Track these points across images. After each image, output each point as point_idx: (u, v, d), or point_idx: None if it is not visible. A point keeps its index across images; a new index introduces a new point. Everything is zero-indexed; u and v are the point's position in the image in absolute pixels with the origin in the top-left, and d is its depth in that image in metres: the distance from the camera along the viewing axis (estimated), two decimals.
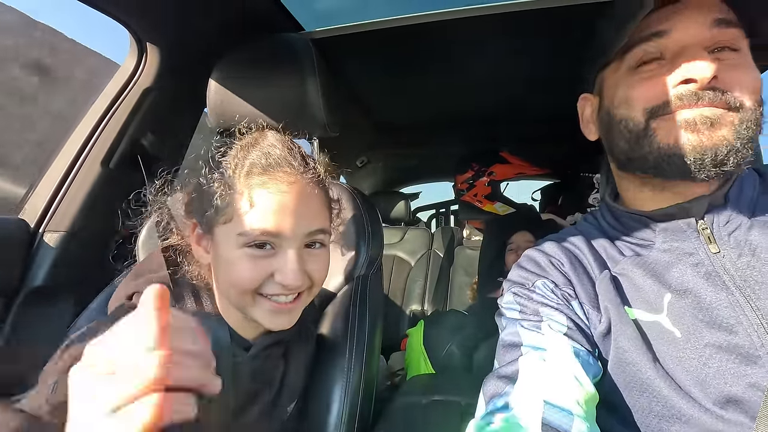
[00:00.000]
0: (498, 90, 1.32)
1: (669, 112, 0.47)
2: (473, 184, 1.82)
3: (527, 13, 0.83)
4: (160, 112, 0.95)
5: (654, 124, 0.48)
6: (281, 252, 0.53)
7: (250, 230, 0.51)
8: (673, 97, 0.47)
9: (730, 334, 0.43)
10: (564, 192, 2.02)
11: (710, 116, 0.45)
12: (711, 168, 0.45)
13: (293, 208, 0.53)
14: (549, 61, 1.08)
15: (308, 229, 0.55)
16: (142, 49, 0.90)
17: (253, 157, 0.54)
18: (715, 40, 0.47)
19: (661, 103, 0.47)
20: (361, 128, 1.62)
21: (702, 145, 0.45)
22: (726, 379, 0.42)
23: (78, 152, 0.87)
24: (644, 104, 0.49)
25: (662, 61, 0.49)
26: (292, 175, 0.54)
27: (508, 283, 0.59)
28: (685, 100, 0.46)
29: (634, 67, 0.51)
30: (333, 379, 0.67)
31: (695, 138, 0.45)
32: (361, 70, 1.17)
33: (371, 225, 0.81)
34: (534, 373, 0.45)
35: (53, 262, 0.83)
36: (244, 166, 0.53)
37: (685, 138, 0.46)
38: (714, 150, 0.45)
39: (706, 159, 0.45)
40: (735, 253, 0.46)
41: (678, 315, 0.46)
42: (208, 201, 0.53)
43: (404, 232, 2.27)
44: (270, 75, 0.82)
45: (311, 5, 1.04)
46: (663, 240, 0.51)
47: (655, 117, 0.48)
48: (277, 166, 0.54)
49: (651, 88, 0.48)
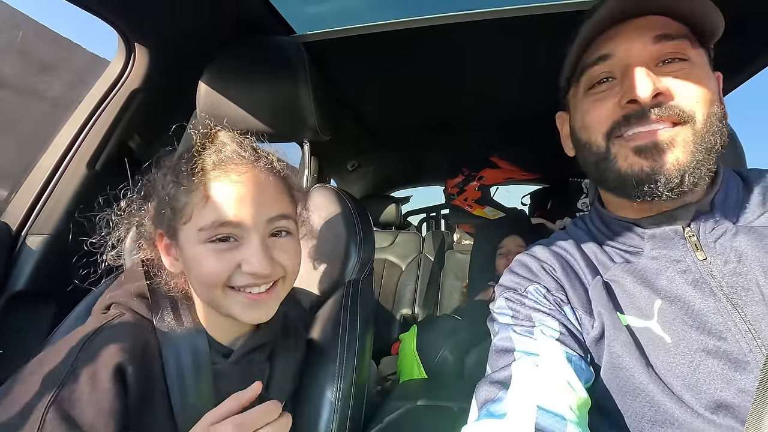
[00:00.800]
0: (488, 95, 1.33)
1: (622, 133, 0.49)
2: (463, 189, 1.83)
3: (517, 19, 0.84)
4: (148, 113, 0.94)
5: (613, 149, 0.50)
6: (245, 242, 0.53)
7: (209, 223, 0.51)
8: (622, 118, 0.48)
9: (719, 341, 0.43)
10: (553, 196, 2.04)
11: (660, 141, 0.46)
12: (665, 192, 0.47)
13: (249, 196, 0.53)
14: (539, 66, 1.09)
15: (268, 215, 0.54)
16: (131, 49, 0.88)
17: (205, 156, 0.55)
18: (660, 54, 0.49)
19: (614, 124, 0.49)
20: (352, 132, 1.62)
21: (653, 171, 0.47)
22: (716, 384, 0.42)
23: (63, 153, 0.86)
24: (600, 128, 0.51)
25: (613, 81, 0.51)
26: (244, 165, 0.55)
27: (500, 288, 0.59)
28: (633, 119, 0.48)
29: (587, 90, 0.53)
30: (323, 383, 0.66)
31: (647, 164, 0.47)
32: (352, 74, 1.17)
33: (362, 229, 0.80)
34: (527, 379, 0.45)
35: (35, 266, 0.81)
36: (196, 166, 0.54)
37: (638, 164, 0.48)
38: (665, 175, 0.46)
39: (659, 184, 0.47)
40: (721, 260, 0.47)
41: (668, 321, 0.47)
42: (167, 206, 0.54)
43: (395, 236, 2.27)
44: (261, 78, 0.82)
45: (303, 9, 1.04)
46: (651, 247, 0.52)
47: (612, 139, 0.50)
48: (228, 160, 0.55)
49: (602, 110, 0.50)
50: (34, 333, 0.79)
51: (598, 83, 0.52)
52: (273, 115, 0.82)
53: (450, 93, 1.31)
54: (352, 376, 0.68)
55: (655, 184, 0.47)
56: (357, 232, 0.79)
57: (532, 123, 1.55)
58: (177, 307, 0.58)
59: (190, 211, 0.52)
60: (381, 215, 2.35)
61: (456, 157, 1.89)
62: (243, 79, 0.83)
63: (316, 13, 1.06)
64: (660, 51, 0.49)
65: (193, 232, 0.52)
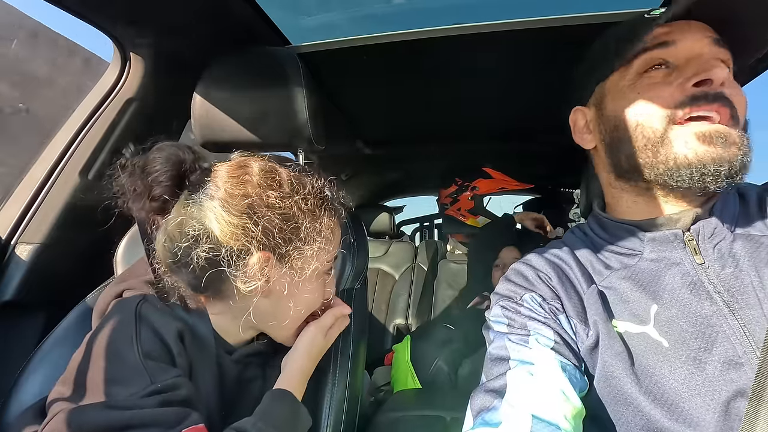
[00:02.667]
0: (481, 106, 1.34)
1: (683, 116, 0.48)
2: (457, 198, 1.84)
3: (511, 33, 0.85)
4: (142, 122, 0.94)
5: (671, 133, 0.49)
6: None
7: (330, 259, 0.61)
8: (687, 98, 0.48)
9: (715, 343, 0.44)
10: (545, 207, 2.06)
11: (723, 132, 0.47)
12: (725, 179, 0.47)
13: (336, 238, 0.63)
14: (533, 78, 1.11)
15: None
16: (126, 58, 0.89)
17: (323, 196, 0.61)
18: (716, 56, 0.49)
19: (676, 105, 0.49)
20: (346, 142, 1.63)
21: (721, 158, 0.46)
22: (714, 386, 0.43)
23: (55, 162, 0.85)
24: (659, 110, 0.50)
25: (668, 69, 0.51)
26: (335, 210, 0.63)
27: (496, 296, 0.59)
28: (701, 100, 0.47)
29: (641, 73, 0.53)
30: (316, 394, 0.66)
31: (713, 150, 0.47)
32: (346, 85, 1.18)
33: (356, 238, 0.81)
34: (522, 388, 0.45)
35: (25, 275, 0.80)
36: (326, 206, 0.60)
37: (703, 150, 0.47)
38: (730, 163, 0.46)
39: (723, 171, 0.46)
40: (719, 264, 0.48)
41: (665, 325, 0.47)
42: (290, 231, 0.55)
43: (388, 245, 2.26)
44: (256, 88, 0.82)
45: (298, 20, 1.05)
46: (650, 249, 0.53)
47: (672, 123, 0.49)
48: (333, 200, 0.61)
49: (663, 91, 0.50)
50: (22, 343, 0.77)
51: (653, 68, 0.52)
52: (268, 124, 0.82)
53: (443, 104, 1.33)
54: (346, 385, 0.68)
55: (719, 171, 0.46)
56: (351, 242, 0.79)
57: (525, 134, 1.57)
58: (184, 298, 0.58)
59: (323, 244, 0.57)
60: (375, 225, 2.36)
61: (449, 167, 1.90)
62: (238, 89, 0.83)
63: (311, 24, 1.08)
64: (717, 53, 0.49)
65: (319, 261, 0.57)
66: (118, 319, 0.52)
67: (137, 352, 0.47)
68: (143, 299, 0.54)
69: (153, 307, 0.54)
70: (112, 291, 0.60)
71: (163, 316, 0.53)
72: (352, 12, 1.10)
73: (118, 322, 0.51)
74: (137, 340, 0.48)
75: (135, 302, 0.53)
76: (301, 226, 0.54)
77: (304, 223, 0.55)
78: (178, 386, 0.47)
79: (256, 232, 0.51)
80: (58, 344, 0.66)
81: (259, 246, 0.51)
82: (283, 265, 0.54)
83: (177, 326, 0.53)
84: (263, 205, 0.52)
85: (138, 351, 0.47)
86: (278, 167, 0.57)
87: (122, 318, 0.52)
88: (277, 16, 0.93)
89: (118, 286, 0.60)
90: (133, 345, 0.48)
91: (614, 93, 0.56)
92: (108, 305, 0.58)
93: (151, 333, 0.50)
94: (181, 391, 0.47)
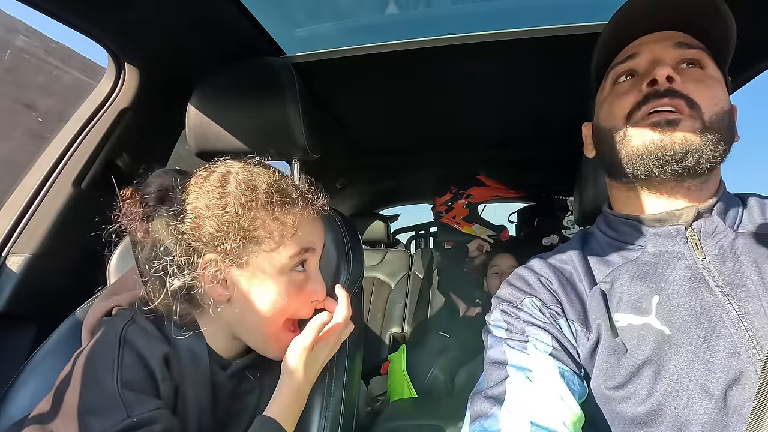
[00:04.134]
0: (476, 115, 1.36)
1: (639, 113, 0.53)
2: (451, 207, 1.85)
3: (504, 43, 0.87)
4: (137, 132, 0.94)
5: (630, 129, 0.54)
6: (312, 274, 0.61)
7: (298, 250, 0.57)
8: (642, 98, 0.53)
9: (714, 332, 0.45)
10: (539, 214, 2.07)
11: (671, 119, 0.50)
12: (672, 164, 0.50)
13: (318, 227, 0.63)
14: (525, 87, 1.13)
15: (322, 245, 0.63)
16: (120, 69, 0.89)
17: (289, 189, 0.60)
18: (679, 57, 0.54)
19: (634, 106, 0.54)
20: (341, 151, 1.63)
21: (663, 144, 0.50)
22: (713, 374, 0.44)
23: (48, 172, 0.85)
24: (621, 112, 0.55)
25: (636, 78, 0.56)
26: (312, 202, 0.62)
27: (496, 300, 0.60)
28: (651, 98, 0.52)
29: (612, 85, 0.59)
30: (312, 404, 0.65)
31: (658, 137, 0.51)
32: (341, 94, 1.19)
33: (352, 247, 0.80)
34: (520, 394, 0.45)
35: (16, 286, 0.79)
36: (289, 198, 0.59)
37: (650, 137, 0.51)
38: (672, 149, 0.50)
39: (667, 156, 0.50)
40: (720, 259, 0.50)
41: (666, 314, 0.48)
42: (238, 232, 0.54)
43: (384, 254, 2.26)
44: (251, 98, 0.83)
45: (293, 30, 1.06)
46: (653, 244, 0.54)
47: (630, 121, 0.54)
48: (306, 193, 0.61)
49: (626, 97, 0.55)
50: (13, 354, 0.76)
51: (623, 79, 0.58)
52: (263, 134, 0.82)
53: (438, 113, 1.34)
54: (342, 395, 0.67)
55: (662, 156, 0.50)
56: (346, 250, 0.79)
57: (519, 142, 1.59)
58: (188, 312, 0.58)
59: (279, 240, 0.55)
60: (370, 233, 2.35)
61: (443, 175, 1.91)
62: (232, 99, 0.84)
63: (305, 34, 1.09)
64: (680, 55, 0.54)
65: (277, 261, 0.55)
66: (102, 343, 0.51)
67: (116, 381, 0.47)
68: (131, 321, 0.53)
69: (139, 330, 0.53)
70: (101, 306, 0.59)
71: (150, 339, 0.52)
72: (346, 23, 1.12)
73: (102, 345, 0.51)
74: (118, 368, 0.48)
75: (121, 324, 0.53)
76: (248, 225, 0.53)
77: (254, 221, 0.54)
78: (155, 420, 0.46)
79: (198, 235, 0.53)
80: (49, 356, 0.65)
81: (204, 249, 0.53)
82: (233, 266, 0.54)
83: (163, 350, 0.52)
84: (205, 208, 0.54)
85: (117, 380, 0.47)
86: (233, 170, 0.58)
87: (106, 341, 0.51)
88: (271, 26, 0.94)
89: (107, 301, 0.59)
90: (113, 373, 0.47)
91: (598, 105, 0.62)
92: (97, 322, 0.57)
93: (135, 359, 0.50)
94: (157, 426, 0.46)
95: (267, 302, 0.55)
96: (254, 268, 0.55)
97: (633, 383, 0.47)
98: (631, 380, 0.47)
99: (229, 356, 0.60)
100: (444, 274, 1.86)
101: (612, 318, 0.51)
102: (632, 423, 0.47)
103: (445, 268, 1.88)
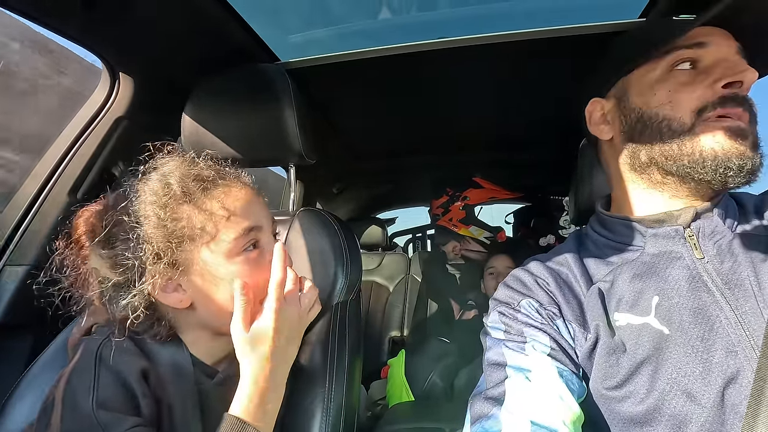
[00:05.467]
0: (471, 118, 1.36)
1: (713, 112, 0.50)
2: (448, 209, 1.85)
3: (499, 45, 0.87)
4: (132, 141, 0.93)
5: (699, 127, 0.51)
6: (266, 247, 0.58)
7: (241, 231, 0.54)
8: (718, 99, 0.50)
9: (712, 331, 0.46)
10: (535, 215, 2.08)
11: (747, 131, 0.49)
12: (746, 176, 0.49)
13: (257, 201, 0.59)
14: (521, 89, 1.14)
15: (271, 217, 0.61)
16: (115, 77, 0.89)
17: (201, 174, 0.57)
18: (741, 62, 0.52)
19: (707, 103, 0.50)
20: (337, 155, 1.64)
21: (745, 154, 0.49)
22: (711, 372, 0.44)
23: (44, 181, 0.84)
24: (690, 104, 0.51)
25: (695, 69, 0.53)
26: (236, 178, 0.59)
27: (494, 302, 0.60)
28: (730, 101, 0.50)
29: (669, 68, 0.54)
30: (312, 409, 0.65)
31: (739, 146, 0.49)
32: (336, 99, 1.19)
33: (349, 251, 0.81)
34: (520, 394, 0.46)
35: (12, 298, 0.79)
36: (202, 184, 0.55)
37: (729, 144, 0.49)
38: (752, 160, 0.49)
39: (746, 167, 0.49)
40: (718, 259, 0.50)
41: (665, 314, 0.48)
42: (168, 236, 0.52)
43: (382, 257, 2.26)
44: (246, 104, 0.83)
45: (286, 36, 1.06)
46: (652, 245, 0.54)
47: (700, 119, 0.51)
48: (224, 174, 0.58)
49: (693, 88, 0.52)
50: (11, 367, 0.75)
51: (685, 66, 0.54)
52: (259, 140, 0.83)
53: (433, 116, 1.35)
54: (342, 399, 0.67)
55: (742, 166, 0.48)
56: (344, 254, 0.79)
57: (515, 144, 1.60)
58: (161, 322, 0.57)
59: (213, 229, 0.52)
60: (367, 237, 2.35)
61: (440, 178, 1.92)
62: (228, 106, 0.84)
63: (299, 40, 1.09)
64: (742, 61, 0.52)
65: (222, 248, 0.52)
66: (80, 363, 0.51)
67: (92, 402, 0.47)
68: (107, 339, 0.53)
69: (116, 348, 0.52)
70: (84, 324, 0.58)
71: (126, 356, 0.52)
72: (340, 28, 1.12)
73: (80, 366, 0.51)
74: (94, 388, 0.48)
75: (97, 344, 0.52)
76: (172, 226, 0.51)
77: (178, 220, 0.51)
78: None
79: (127, 256, 0.51)
80: (46, 368, 0.64)
81: (138, 264, 0.51)
82: (178, 270, 0.52)
83: (141, 365, 0.52)
84: (129, 224, 0.51)
85: (93, 401, 0.47)
86: (149, 176, 0.55)
87: (83, 361, 0.51)
88: (265, 33, 0.94)
89: (90, 318, 0.59)
90: (90, 393, 0.47)
91: (640, 86, 0.57)
92: (78, 340, 0.57)
93: (112, 377, 0.49)
94: None
95: (227, 293, 0.53)
96: (201, 265, 0.53)
97: (631, 382, 0.47)
98: (629, 379, 0.47)
99: (214, 362, 0.59)
100: (430, 280, 1.87)
101: (610, 318, 0.51)
102: (631, 422, 0.47)
103: (430, 274, 1.88)
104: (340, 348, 0.71)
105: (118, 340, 0.53)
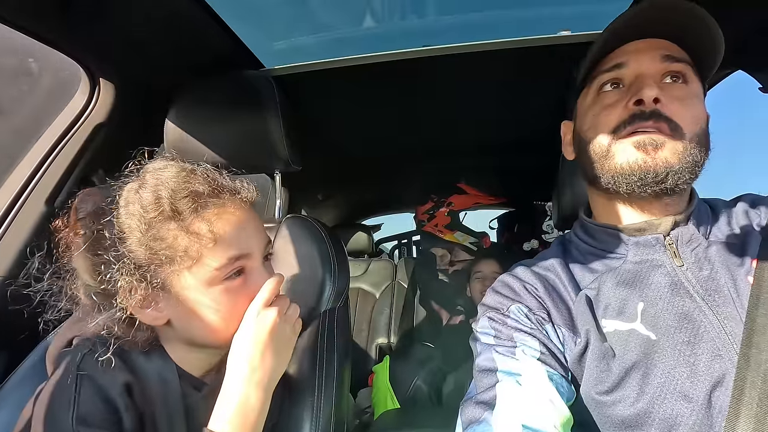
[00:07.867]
0: (456, 125, 1.38)
1: (624, 131, 0.53)
2: (433, 215, 1.86)
3: (485, 54, 0.89)
4: (113, 148, 0.91)
5: (614, 146, 0.54)
6: (253, 274, 0.55)
7: (225, 261, 0.51)
8: (628, 117, 0.53)
9: (697, 336, 0.47)
10: (519, 220, 2.11)
11: (656, 139, 0.51)
12: (653, 185, 0.51)
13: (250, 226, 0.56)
14: (506, 97, 1.16)
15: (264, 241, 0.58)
16: (95, 83, 0.87)
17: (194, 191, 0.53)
18: (666, 70, 0.55)
19: (620, 123, 0.54)
20: (322, 162, 1.63)
21: (646, 165, 0.51)
22: (698, 376, 0.45)
23: (20, 190, 0.81)
24: (607, 126, 0.55)
25: (622, 88, 0.56)
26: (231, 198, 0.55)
27: (483, 308, 0.60)
28: (636, 118, 0.52)
29: (597, 92, 0.59)
30: (301, 417, 0.64)
31: (642, 157, 0.51)
32: (322, 106, 1.19)
33: (337, 257, 0.80)
34: (511, 398, 0.46)
35: None
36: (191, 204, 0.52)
37: (634, 156, 0.52)
38: (655, 170, 0.51)
39: (649, 177, 0.51)
40: (696, 266, 0.52)
41: (651, 320, 0.50)
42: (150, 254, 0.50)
43: (368, 264, 2.26)
44: (230, 111, 0.82)
45: (271, 43, 1.06)
46: (634, 253, 0.56)
47: (615, 137, 0.54)
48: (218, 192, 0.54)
49: (612, 110, 0.55)
50: None
51: (608, 88, 0.58)
52: (243, 147, 0.82)
53: (417, 123, 1.36)
54: (331, 408, 0.67)
55: (645, 177, 0.51)
56: (331, 262, 0.79)
57: (499, 150, 1.62)
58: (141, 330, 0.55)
59: (196, 253, 0.49)
60: (353, 244, 2.35)
61: (425, 184, 1.93)
62: (212, 113, 0.83)
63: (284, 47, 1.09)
64: (666, 68, 0.55)
65: (203, 274, 0.50)
66: (60, 377, 0.50)
67: (71, 418, 0.45)
68: (88, 352, 0.51)
69: (97, 361, 0.50)
70: (63, 337, 0.56)
71: (108, 369, 0.50)
72: (324, 35, 1.13)
73: (59, 380, 0.49)
74: (74, 403, 0.47)
75: (78, 357, 0.51)
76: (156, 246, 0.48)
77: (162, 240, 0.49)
78: None
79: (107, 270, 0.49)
80: (24, 382, 0.62)
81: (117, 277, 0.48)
82: (156, 290, 0.50)
83: (124, 379, 0.50)
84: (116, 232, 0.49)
85: (72, 417, 0.45)
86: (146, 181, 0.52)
87: (63, 375, 0.50)
88: (250, 40, 0.94)
89: (70, 330, 0.56)
90: (69, 409, 0.46)
91: (581, 110, 0.62)
92: (58, 353, 0.55)
93: (93, 391, 0.48)
94: None
95: (204, 318, 0.51)
96: (180, 288, 0.50)
97: (622, 387, 0.48)
98: (620, 384, 0.48)
99: (202, 373, 0.58)
100: (422, 286, 1.87)
101: (599, 324, 0.52)
102: (622, 426, 0.48)
103: (422, 279, 1.89)
104: (329, 356, 0.70)
105: (100, 353, 0.51)
